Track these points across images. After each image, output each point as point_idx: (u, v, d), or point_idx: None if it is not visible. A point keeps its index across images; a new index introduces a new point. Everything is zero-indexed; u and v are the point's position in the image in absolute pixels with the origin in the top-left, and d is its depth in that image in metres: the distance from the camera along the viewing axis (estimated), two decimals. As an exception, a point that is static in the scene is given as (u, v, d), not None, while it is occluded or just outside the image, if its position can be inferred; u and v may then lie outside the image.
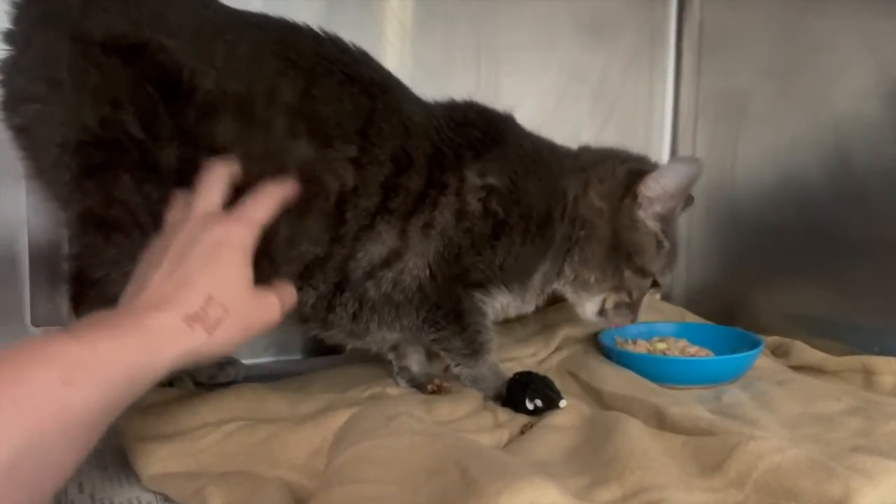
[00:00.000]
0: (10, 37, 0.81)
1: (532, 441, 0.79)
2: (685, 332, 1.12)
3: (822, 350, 1.05)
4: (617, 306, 0.97)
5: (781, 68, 1.19)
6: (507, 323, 1.15)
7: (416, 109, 0.89)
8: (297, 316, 0.87)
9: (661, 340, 1.09)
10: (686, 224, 1.37)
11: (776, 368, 1.04)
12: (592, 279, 0.95)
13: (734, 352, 1.03)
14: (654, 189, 0.92)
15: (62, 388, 0.52)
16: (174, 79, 0.79)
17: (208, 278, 0.66)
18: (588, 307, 0.98)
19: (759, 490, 0.66)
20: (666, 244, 0.95)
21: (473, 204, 0.88)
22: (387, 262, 0.87)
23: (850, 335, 1.06)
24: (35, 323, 1.03)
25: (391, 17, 1.18)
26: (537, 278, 0.94)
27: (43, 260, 1.00)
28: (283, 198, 0.76)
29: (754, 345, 1.02)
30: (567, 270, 0.95)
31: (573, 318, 1.14)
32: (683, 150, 1.38)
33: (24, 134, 0.82)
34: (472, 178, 0.88)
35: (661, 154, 1.40)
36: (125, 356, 0.58)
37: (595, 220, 0.93)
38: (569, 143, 1.00)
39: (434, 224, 0.87)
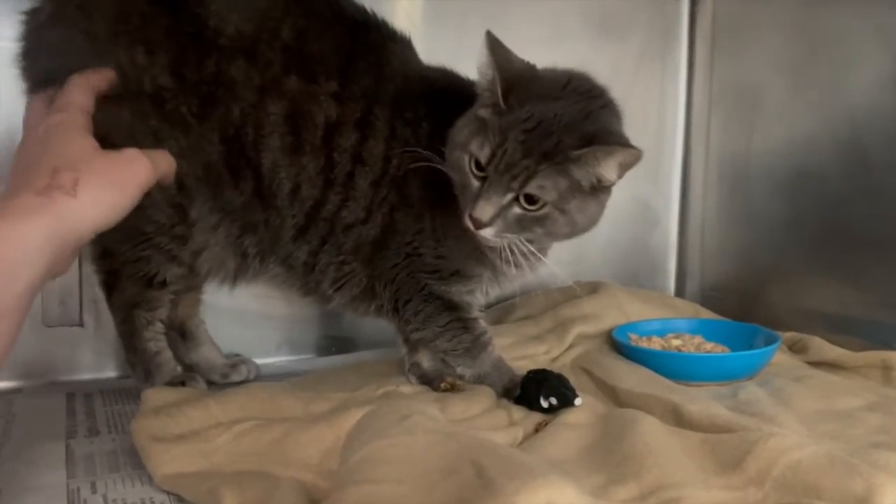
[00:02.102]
0: None
1: (547, 439, 0.78)
2: (701, 328, 1.11)
3: (840, 346, 1.04)
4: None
5: (795, 61, 1.18)
6: (519, 321, 1.15)
7: (397, 54, 0.91)
8: (300, 286, 0.93)
9: (677, 337, 1.08)
10: (700, 219, 1.36)
11: (794, 364, 1.03)
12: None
13: (751, 348, 1.02)
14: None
15: None
16: (202, 27, 0.84)
17: (47, 156, 0.69)
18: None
19: (779, 487, 0.65)
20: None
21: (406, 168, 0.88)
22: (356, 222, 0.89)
23: (868, 330, 1.04)
24: (47, 323, 1.03)
25: (401, 13, 1.18)
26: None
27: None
28: (93, 82, 0.79)
29: (771, 341, 1.02)
30: None
31: (587, 315, 1.13)
32: (697, 144, 1.37)
33: (45, 86, 0.82)
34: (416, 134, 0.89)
35: (675, 149, 1.39)
36: None
37: None
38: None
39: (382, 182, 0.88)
